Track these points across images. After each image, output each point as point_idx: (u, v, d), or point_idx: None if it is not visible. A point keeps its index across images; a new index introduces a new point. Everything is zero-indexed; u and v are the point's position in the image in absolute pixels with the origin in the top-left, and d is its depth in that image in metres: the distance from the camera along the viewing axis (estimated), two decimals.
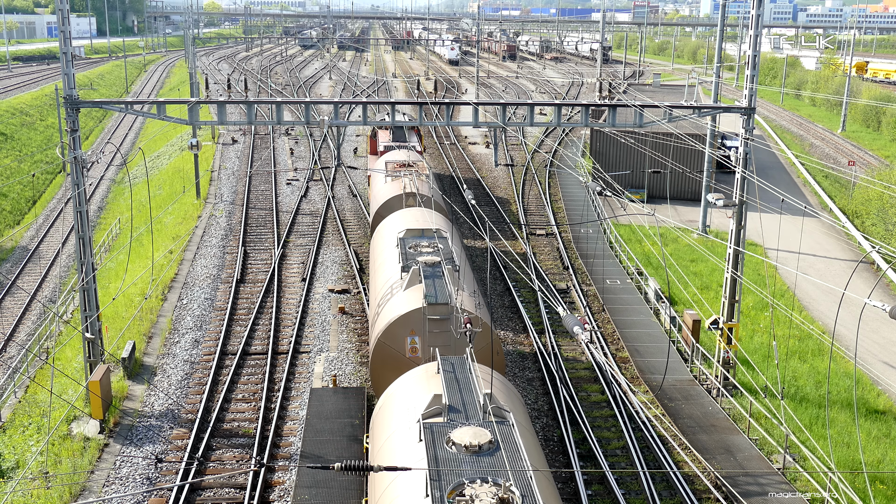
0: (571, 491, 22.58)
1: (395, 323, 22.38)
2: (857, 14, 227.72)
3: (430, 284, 23.23)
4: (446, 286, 23.05)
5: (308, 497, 20.59)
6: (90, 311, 26.83)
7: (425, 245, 26.85)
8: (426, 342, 22.32)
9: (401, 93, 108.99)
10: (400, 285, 24.20)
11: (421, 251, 26.29)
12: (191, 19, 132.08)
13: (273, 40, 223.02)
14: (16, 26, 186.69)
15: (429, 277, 23.65)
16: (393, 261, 26.64)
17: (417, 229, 28.45)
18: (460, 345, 22.28)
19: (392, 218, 31.59)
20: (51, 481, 22.30)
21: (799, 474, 23.06)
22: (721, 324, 27.79)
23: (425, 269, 24.34)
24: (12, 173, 61.71)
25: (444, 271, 23.94)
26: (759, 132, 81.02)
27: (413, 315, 22.33)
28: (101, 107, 26.32)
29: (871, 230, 46.28)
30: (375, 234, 32.08)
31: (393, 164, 40.38)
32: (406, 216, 30.94)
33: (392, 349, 22.45)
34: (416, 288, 23.45)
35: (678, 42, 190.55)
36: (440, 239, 27.62)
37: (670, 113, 27.72)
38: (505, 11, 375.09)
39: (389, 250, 28.03)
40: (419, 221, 29.83)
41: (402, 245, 26.93)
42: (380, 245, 29.90)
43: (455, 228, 28.58)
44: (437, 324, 22.36)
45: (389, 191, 36.23)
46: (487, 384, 17.52)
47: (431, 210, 32.58)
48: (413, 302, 22.69)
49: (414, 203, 34.42)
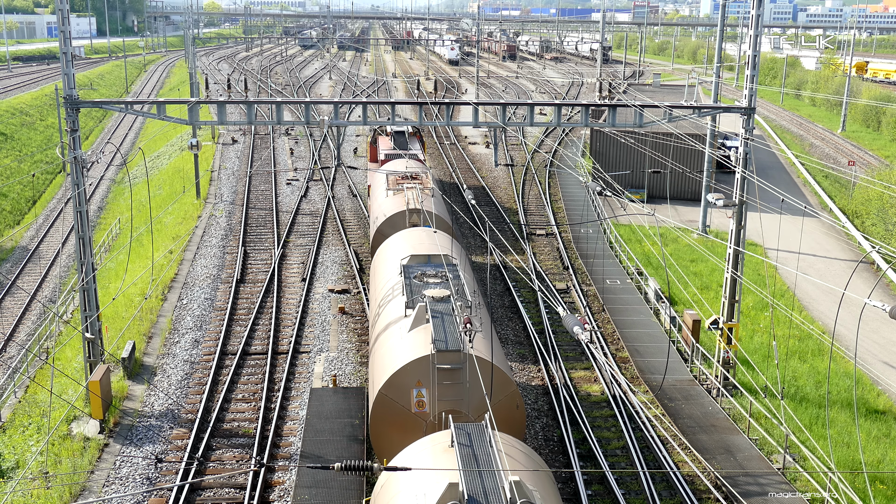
0: (571, 491, 22.58)
1: (398, 373, 19.53)
2: (857, 14, 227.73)
3: (439, 325, 20.44)
4: (457, 328, 20.37)
5: (308, 497, 20.60)
6: (90, 311, 26.83)
7: (432, 274, 24.21)
8: (435, 395, 19.46)
9: (401, 93, 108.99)
10: (404, 325, 21.52)
11: (427, 282, 23.58)
12: (191, 19, 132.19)
13: (273, 40, 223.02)
14: (16, 26, 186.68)
15: (437, 316, 20.87)
16: (396, 293, 23.96)
17: (423, 255, 25.79)
18: (475, 398, 19.48)
19: (395, 240, 29.04)
20: (51, 481, 22.30)
21: (799, 474, 23.06)
22: (721, 324, 27.79)
23: (433, 305, 21.52)
24: (12, 173, 61.71)
25: (454, 308, 21.34)
26: (759, 132, 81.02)
27: (420, 364, 19.45)
28: (101, 107, 26.32)
29: (871, 230, 46.28)
30: (376, 258, 29.47)
31: (395, 176, 37.96)
32: (410, 238, 28.35)
33: (396, 403, 19.64)
34: (423, 329, 20.75)
35: (678, 42, 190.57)
36: (449, 267, 24.92)
37: (670, 113, 27.72)
38: (505, 11, 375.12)
39: (392, 279, 25.24)
40: (425, 245, 27.19)
41: (407, 274, 24.18)
42: (381, 272, 27.16)
43: (464, 251, 25.70)
44: (448, 374, 19.41)
45: (391, 206, 33.75)
46: (512, 460, 15.08)
47: (438, 231, 29.93)
48: (419, 348, 19.88)
49: (418, 220, 32.19)
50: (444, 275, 24.06)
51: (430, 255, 25.79)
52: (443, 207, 35.14)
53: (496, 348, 21.19)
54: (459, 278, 23.82)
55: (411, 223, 32.12)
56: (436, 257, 25.71)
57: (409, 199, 33.44)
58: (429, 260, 25.59)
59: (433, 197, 35.13)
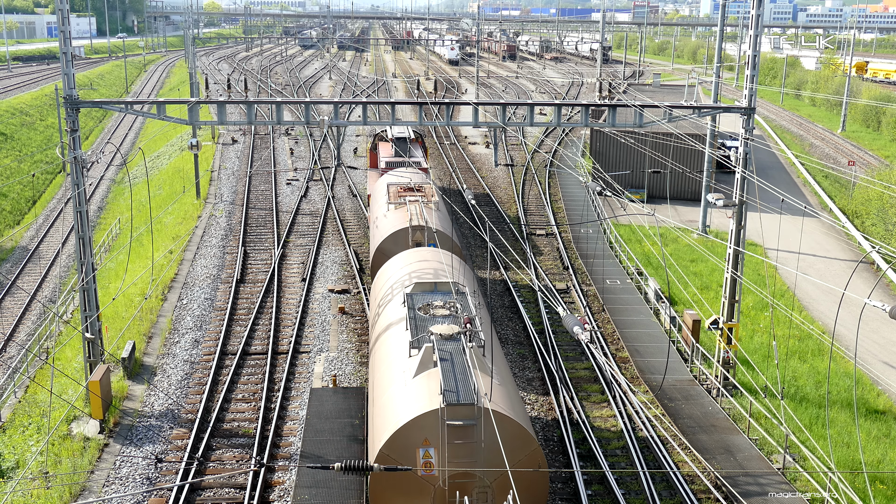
0: (571, 491, 22.59)
1: (403, 430, 17.00)
2: (857, 14, 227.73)
3: (449, 371, 17.94)
4: (470, 375, 17.71)
5: (308, 497, 20.61)
6: (90, 311, 26.84)
7: (439, 305, 21.87)
8: (445, 456, 17.12)
9: (401, 93, 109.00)
10: (408, 368, 18.93)
11: (434, 315, 21.27)
12: (191, 19, 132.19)
13: (273, 40, 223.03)
14: (16, 26, 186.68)
15: (446, 359, 18.45)
16: (398, 327, 21.44)
17: (429, 282, 23.40)
18: (491, 459, 17.22)
19: (397, 262, 26.78)
20: (51, 481, 22.31)
21: (799, 474, 23.06)
22: (721, 324, 27.79)
23: (441, 344, 19.05)
24: (12, 173, 61.71)
25: (465, 348, 18.78)
26: (759, 132, 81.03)
27: (427, 420, 16.95)
28: (101, 107, 26.33)
29: (871, 230, 46.28)
30: (377, 282, 27.00)
31: (396, 188, 35.76)
32: (414, 261, 26.10)
33: (399, 465, 17.37)
34: (430, 375, 18.16)
35: (678, 42, 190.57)
36: (458, 296, 22.73)
37: (670, 113, 27.72)
38: (505, 11, 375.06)
39: (394, 310, 22.79)
40: (430, 269, 25.04)
41: (410, 304, 21.88)
42: (382, 300, 24.76)
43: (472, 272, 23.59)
44: (461, 432, 16.94)
45: (393, 223, 31.56)
46: None
47: (444, 251, 27.72)
48: (426, 399, 17.43)
49: (422, 238, 30.14)
50: (453, 306, 21.78)
51: (436, 282, 23.40)
52: (448, 223, 33.08)
53: (513, 395, 18.76)
54: (470, 310, 21.69)
55: (414, 241, 30.14)
56: (443, 284, 23.31)
57: (411, 215, 31.25)
58: (435, 288, 23.24)
59: (438, 211, 33.20)
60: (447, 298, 22.23)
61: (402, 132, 49.07)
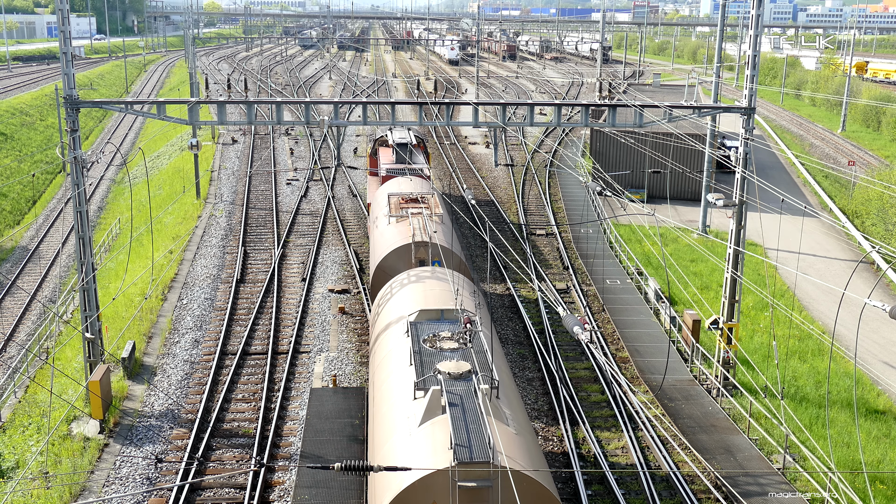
0: (571, 491, 22.59)
1: (407, 492, 14.99)
2: (857, 14, 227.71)
3: (460, 419, 15.66)
4: (484, 425, 15.42)
5: (308, 497, 20.61)
6: (90, 311, 26.84)
7: (447, 336, 19.68)
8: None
9: (401, 93, 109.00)
10: (413, 414, 16.56)
11: (442, 348, 19.08)
12: (191, 19, 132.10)
13: (273, 40, 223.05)
14: (16, 26, 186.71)
15: (456, 404, 16.20)
16: (401, 362, 19.09)
17: (435, 310, 21.35)
18: None
19: (399, 284, 24.58)
20: (51, 481, 22.31)
21: (799, 474, 23.06)
22: (721, 324, 27.79)
23: (450, 386, 16.84)
24: (12, 173, 61.71)
25: (477, 391, 16.53)
26: (759, 132, 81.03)
27: (435, 480, 14.84)
28: (101, 107, 26.33)
29: (871, 230, 46.28)
30: (378, 306, 24.72)
31: (398, 199, 33.55)
32: (418, 284, 23.93)
33: None
34: (438, 424, 15.76)
35: (678, 42, 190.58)
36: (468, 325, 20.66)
37: (670, 113, 27.72)
38: (505, 11, 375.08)
39: (396, 340, 20.44)
40: (436, 294, 22.85)
41: (415, 335, 19.72)
42: (383, 327, 22.41)
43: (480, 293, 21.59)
44: (474, 494, 14.80)
45: (394, 238, 29.32)
46: None
47: (450, 271, 25.20)
48: (434, 455, 15.25)
49: (425, 255, 28.11)
50: (463, 337, 19.70)
51: (443, 309, 21.34)
52: (454, 238, 30.99)
53: (533, 448, 16.56)
54: (481, 341, 19.50)
55: (418, 258, 28.20)
56: (450, 312, 21.27)
57: (414, 229, 29.24)
58: (441, 315, 21.19)
59: (442, 224, 31.08)
60: (455, 329, 20.17)
61: (403, 137, 46.73)
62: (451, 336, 19.66)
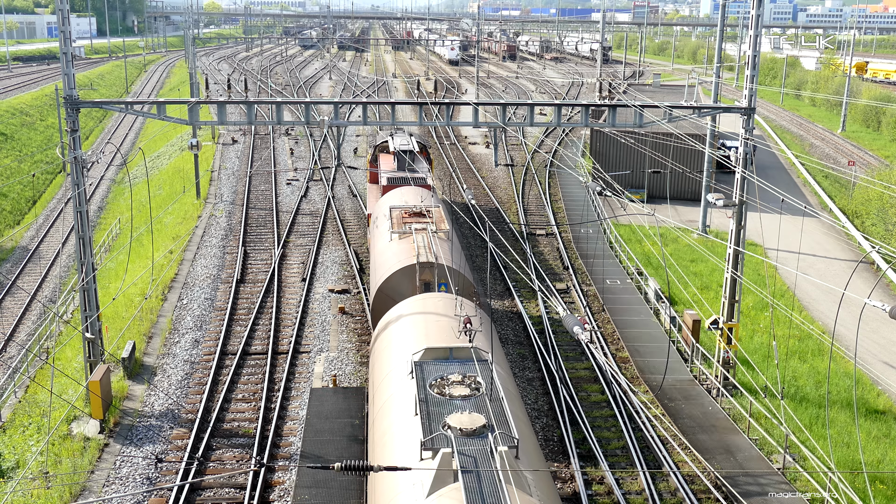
0: (571, 491, 22.58)
1: None
2: (857, 14, 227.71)
3: (475, 492, 13.21)
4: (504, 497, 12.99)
5: (308, 497, 20.61)
6: (90, 311, 26.84)
7: (457, 381, 17.17)
8: None
9: (401, 93, 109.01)
10: (421, 483, 14.05)
11: (452, 396, 16.56)
12: (191, 19, 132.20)
13: (273, 40, 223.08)
14: (16, 26, 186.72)
15: (470, 470, 13.85)
16: (405, 412, 16.64)
17: (443, 348, 18.79)
18: None
19: (402, 314, 22.26)
20: (51, 481, 22.31)
21: (799, 474, 23.06)
22: (721, 324, 27.79)
23: (463, 445, 14.57)
24: (12, 173, 61.72)
25: (494, 450, 14.24)
26: (759, 132, 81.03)
27: None
28: (101, 107, 26.33)
29: (871, 230, 46.28)
30: (378, 337, 22.21)
31: (400, 213, 31.47)
32: (423, 313, 21.81)
33: None
34: (450, 495, 13.30)
35: (678, 42, 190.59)
36: (480, 365, 18.04)
37: (670, 113, 27.72)
38: (505, 11, 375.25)
39: (399, 384, 18.06)
40: (444, 327, 20.66)
41: (420, 379, 17.28)
42: (384, 367, 19.78)
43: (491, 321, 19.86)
44: None
45: (397, 257, 27.23)
46: None
47: (461, 299, 22.73)
48: None
49: (431, 277, 26.09)
50: (475, 382, 17.10)
51: (451, 347, 18.81)
52: (461, 257, 28.79)
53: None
54: (496, 390, 16.71)
55: (422, 280, 26.20)
56: (461, 350, 18.81)
57: (419, 248, 27.18)
58: (451, 355, 18.70)
59: (448, 241, 28.88)
60: (467, 370, 17.64)
61: (405, 144, 44.21)
62: (462, 380, 17.17)
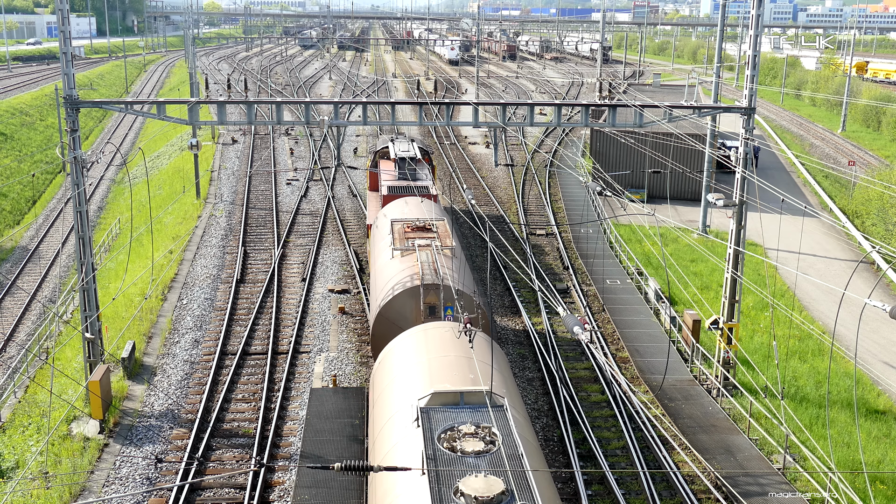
0: (571, 491, 22.58)
1: None
2: (857, 14, 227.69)
3: None
4: None
5: (308, 497, 20.60)
6: (90, 311, 26.84)
7: (470, 433, 15.06)
8: None
9: (401, 93, 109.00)
10: None
11: (464, 451, 14.53)
12: (191, 19, 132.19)
13: (273, 40, 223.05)
14: (16, 26, 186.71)
15: None
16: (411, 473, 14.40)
17: (453, 392, 16.48)
18: None
19: (405, 348, 19.89)
20: (51, 481, 22.30)
21: (799, 474, 23.06)
22: (721, 324, 27.79)
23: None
24: (12, 173, 61.71)
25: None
26: (760, 132, 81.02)
27: None
28: (101, 107, 26.32)
29: (871, 230, 46.28)
30: (378, 374, 20.03)
31: (402, 227, 29.58)
32: (430, 353, 19.13)
33: None
34: None
35: (678, 42, 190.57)
36: (495, 411, 15.85)
37: (670, 113, 27.72)
38: (505, 11, 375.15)
39: (403, 434, 15.85)
40: (453, 364, 18.22)
41: (427, 430, 15.27)
42: (385, 412, 17.51)
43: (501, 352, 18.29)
44: None
45: (400, 278, 25.28)
46: None
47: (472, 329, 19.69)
48: None
49: (436, 300, 24.17)
50: (490, 434, 15.02)
51: (462, 391, 16.45)
52: (469, 277, 26.67)
53: None
54: (514, 441, 14.76)
55: (427, 304, 24.23)
56: (473, 395, 16.43)
57: (423, 266, 25.35)
58: (461, 400, 16.37)
59: (455, 258, 27.00)
60: (480, 419, 15.53)
61: (407, 150, 42.06)
62: (476, 432, 14.97)
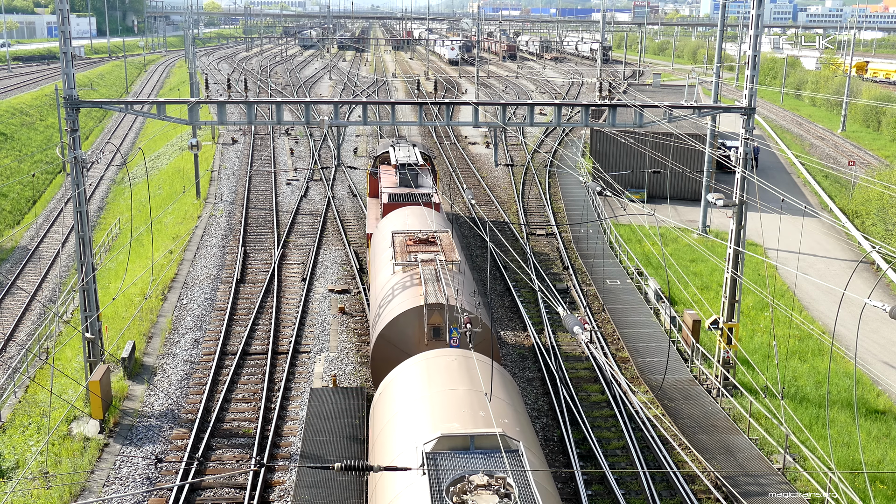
0: (571, 491, 22.59)
1: None
2: (857, 14, 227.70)
3: None
4: None
5: (308, 497, 20.59)
6: (90, 311, 26.84)
7: (483, 486, 13.24)
8: None
9: (401, 93, 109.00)
10: None
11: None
12: (191, 19, 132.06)
13: (273, 40, 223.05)
14: (16, 26, 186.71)
15: None
16: None
17: (463, 436, 14.70)
18: None
19: (408, 381, 18.22)
20: (51, 481, 22.30)
21: (799, 474, 23.06)
22: (721, 324, 27.79)
23: None
24: (12, 173, 61.70)
25: None
26: (760, 132, 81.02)
27: None
28: (101, 107, 26.33)
29: (871, 230, 46.27)
30: (379, 411, 18.28)
31: (404, 239, 27.68)
32: (434, 383, 17.46)
33: None
34: None
35: (678, 42, 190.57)
36: (509, 458, 14.11)
37: (670, 113, 27.72)
38: (505, 11, 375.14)
39: (405, 485, 14.09)
40: (462, 401, 16.49)
41: (434, 481, 13.52)
42: (388, 454, 15.95)
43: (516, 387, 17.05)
44: None
45: (401, 297, 23.73)
46: None
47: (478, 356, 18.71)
48: None
49: (441, 321, 22.51)
50: (506, 486, 13.25)
51: (473, 434, 14.67)
52: (476, 294, 25.32)
53: None
54: (531, 493, 13.11)
55: (431, 325, 22.64)
56: (484, 438, 14.66)
57: (426, 284, 23.71)
58: (472, 444, 14.58)
59: (460, 274, 25.34)
60: (493, 467, 13.75)
61: (408, 156, 40.33)
62: (489, 484, 13.08)
